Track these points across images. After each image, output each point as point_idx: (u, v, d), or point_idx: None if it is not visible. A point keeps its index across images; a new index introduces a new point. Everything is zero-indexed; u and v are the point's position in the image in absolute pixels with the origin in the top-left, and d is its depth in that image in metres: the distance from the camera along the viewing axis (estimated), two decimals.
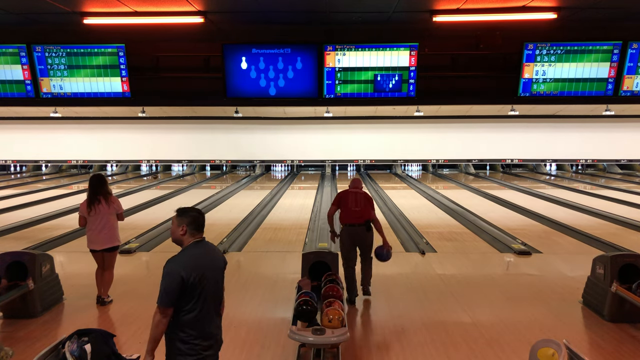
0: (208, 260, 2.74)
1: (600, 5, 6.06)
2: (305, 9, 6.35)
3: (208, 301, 2.69)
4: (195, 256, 2.69)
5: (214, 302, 2.76)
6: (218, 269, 2.83)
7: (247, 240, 8.23)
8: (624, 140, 19.37)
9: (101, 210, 5.08)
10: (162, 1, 5.89)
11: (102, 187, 5.14)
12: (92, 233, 5.10)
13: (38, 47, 7.04)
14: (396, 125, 19.24)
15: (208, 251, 2.79)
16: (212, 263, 2.77)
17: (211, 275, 2.72)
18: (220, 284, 2.86)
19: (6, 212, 10.78)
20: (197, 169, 21.85)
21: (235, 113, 15.78)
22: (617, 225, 9.41)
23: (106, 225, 5.10)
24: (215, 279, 2.78)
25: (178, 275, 2.56)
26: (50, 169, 21.51)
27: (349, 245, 5.24)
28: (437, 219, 10.28)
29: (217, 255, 2.88)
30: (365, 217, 5.23)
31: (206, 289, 2.66)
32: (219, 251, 2.96)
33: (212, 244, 2.90)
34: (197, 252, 2.71)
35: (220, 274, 2.86)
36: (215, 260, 2.81)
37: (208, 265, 2.72)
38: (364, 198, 5.35)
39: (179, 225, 2.75)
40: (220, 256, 2.91)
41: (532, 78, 6.98)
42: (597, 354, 4.08)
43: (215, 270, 2.79)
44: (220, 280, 2.85)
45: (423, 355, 4.02)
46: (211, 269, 2.74)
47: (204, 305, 2.66)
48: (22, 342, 4.22)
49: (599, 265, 4.96)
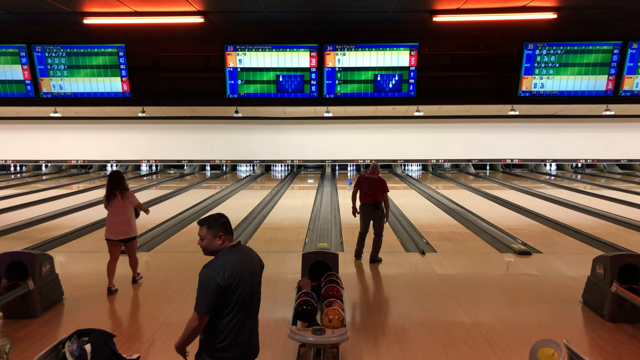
0: (245, 265, 2.64)
1: (600, 5, 6.06)
2: (305, 9, 6.35)
3: (245, 308, 2.60)
4: (232, 261, 2.58)
5: (251, 309, 2.67)
6: (255, 273, 2.71)
7: (247, 240, 8.23)
8: (624, 140, 19.38)
9: (116, 204, 5.56)
10: (162, 1, 5.89)
11: (120, 183, 5.62)
12: (109, 224, 5.59)
13: (38, 47, 7.04)
14: (396, 125, 19.24)
15: (244, 255, 2.69)
16: (249, 268, 2.66)
17: (248, 281, 2.62)
18: (257, 289, 2.75)
19: (6, 212, 10.78)
20: (197, 169, 21.85)
21: (235, 113, 15.79)
22: (617, 225, 9.41)
23: (122, 218, 5.58)
24: (253, 284, 2.67)
25: (214, 282, 2.47)
26: (50, 169, 21.52)
27: (363, 218, 6.91)
28: (437, 219, 10.28)
29: (254, 259, 2.77)
30: (374, 199, 6.75)
31: (243, 295, 2.57)
32: (256, 254, 2.84)
33: (248, 247, 2.82)
34: (234, 257, 2.61)
35: (257, 279, 2.74)
36: (252, 264, 2.70)
37: (245, 270, 2.62)
38: (376, 183, 6.79)
39: (214, 236, 2.61)
40: (257, 259, 2.80)
41: (532, 78, 6.98)
42: (597, 354, 4.08)
43: (253, 275, 2.68)
44: (257, 285, 2.74)
45: (423, 355, 4.02)
46: (248, 274, 2.63)
47: (239, 312, 2.56)
48: (22, 342, 4.22)
49: (599, 265, 4.97)
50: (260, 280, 2.78)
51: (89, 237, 8.49)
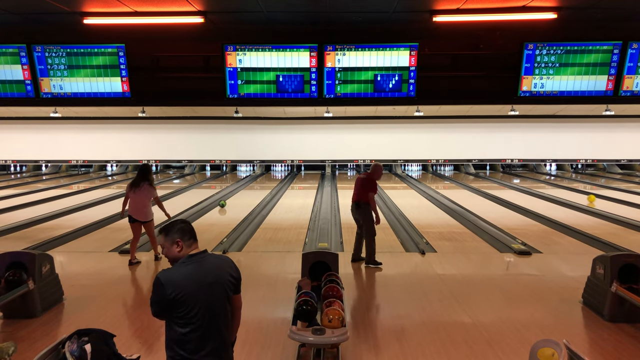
0: (201, 277, 2.42)
1: (600, 5, 6.06)
2: (305, 9, 6.36)
3: (201, 324, 2.38)
4: (185, 273, 2.41)
5: (210, 326, 2.42)
6: (218, 286, 2.46)
7: (247, 240, 8.23)
8: (624, 140, 19.37)
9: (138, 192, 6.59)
10: (162, 1, 5.89)
11: (147, 175, 6.68)
12: (130, 207, 6.61)
13: (38, 47, 7.04)
14: (396, 125, 19.24)
15: (205, 265, 2.47)
16: (206, 281, 2.42)
17: (203, 296, 2.40)
18: (220, 304, 2.47)
19: (6, 212, 10.78)
20: (197, 169, 21.85)
21: (235, 113, 15.79)
22: (617, 225, 9.41)
23: (139, 205, 6.59)
24: (211, 299, 2.43)
25: (161, 290, 2.35)
26: (50, 169, 21.51)
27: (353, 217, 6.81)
28: (437, 219, 10.28)
29: (222, 270, 2.52)
30: (354, 199, 6.65)
31: (194, 311, 2.36)
32: (228, 264, 2.59)
33: (215, 257, 2.58)
34: (189, 268, 2.43)
35: (221, 292, 2.48)
36: (214, 277, 2.46)
37: (200, 283, 2.40)
38: (360, 183, 6.63)
39: (172, 243, 2.49)
40: (227, 270, 2.55)
41: (532, 78, 6.98)
42: (597, 354, 4.08)
43: (213, 287, 2.44)
44: (219, 300, 2.47)
45: (423, 355, 4.02)
46: (206, 287, 2.41)
47: (194, 328, 2.37)
48: (22, 342, 4.21)
49: (599, 265, 4.96)
50: (226, 294, 2.51)
51: (89, 237, 8.49)
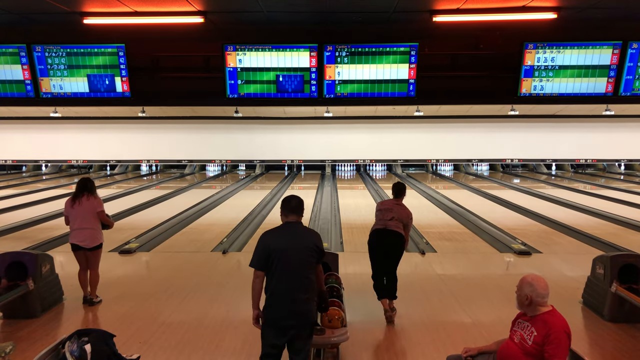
0: (286, 239, 3.13)
1: (600, 5, 6.06)
2: (305, 9, 6.35)
3: (284, 275, 3.05)
4: (276, 233, 3.19)
5: (291, 278, 3.06)
6: (297, 249, 3.10)
7: (247, 240, 8.23)
8: (624, 140, 19.35)
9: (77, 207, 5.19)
10: (162, 1, 5.89)
11: (87, 184, 5.30)
12: (72, 232, 5.29)
13: (38, 47, 7.03)
14: (396, 125, 19.23)
15: (292, 231, 3.19)
16: (290, 243, 3.11)
17: (284, 253, 3.07)
18: (302, 263, 3.10)
19: (6, 212, 10.78)
20: (197, 169, 21.85)
21: (235, 113, 15.78)
22: (617, 225, 9.41)
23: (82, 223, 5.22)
24: (294, 257, 3.08)
25: (262, 244, 3.13)
26: (50, 169, 21.51)
27: None
28: (437, 219, 10.28)
29: (305, 238, 3.19)
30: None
31: (282, 263, 3.04)
32: (313, 236, 3.25)
33: (305, 228, 3.28)
34: (278, 230, 3.22)
35: (298, 255, 3.10)
36: (297, 241, 3.14)
37: (284, 243, 3.10)
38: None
39: (281, 213, 3.29)
40: (311, 239, 3.19)
41: (532, 78, 6.98)
42: (597, 354, 4.08)
43: (295, 249, 3.10)
44: (297, 260, 3.09)
45: (423, 355, 4.02)
46: (286, 247, 3.09)
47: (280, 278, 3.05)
48: (22, 342, 4.21)
49: (599, 265, 4.96)
50: (304, 258, 3.12)
51: None
